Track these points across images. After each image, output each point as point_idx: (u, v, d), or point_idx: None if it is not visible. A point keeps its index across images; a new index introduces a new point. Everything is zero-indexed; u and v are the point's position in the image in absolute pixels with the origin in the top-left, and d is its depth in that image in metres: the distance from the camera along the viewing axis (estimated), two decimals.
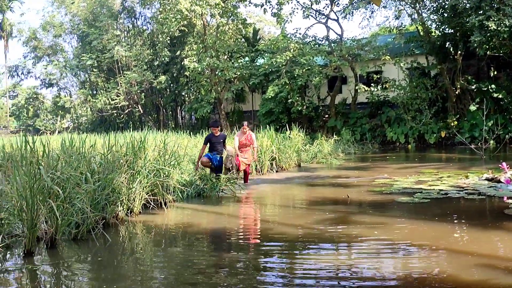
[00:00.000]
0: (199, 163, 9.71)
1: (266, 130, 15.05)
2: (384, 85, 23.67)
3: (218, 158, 9.83)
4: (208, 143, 9.88)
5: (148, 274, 4.81)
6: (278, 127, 20.69)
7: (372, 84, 24.50)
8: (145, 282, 4.50)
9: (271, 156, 13.38)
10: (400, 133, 22.45)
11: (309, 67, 23.53)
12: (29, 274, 4.78)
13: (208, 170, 10.06)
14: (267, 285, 4.15)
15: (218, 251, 5.48)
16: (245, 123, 10.90)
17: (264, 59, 26.86)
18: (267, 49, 25.81)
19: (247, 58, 28.25)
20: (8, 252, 5.48)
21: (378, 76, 24.35)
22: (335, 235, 5.86)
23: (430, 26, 23.47)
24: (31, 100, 48.92)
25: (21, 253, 5.33)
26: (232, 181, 9.68)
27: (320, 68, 23.80)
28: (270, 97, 24.24)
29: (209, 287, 4.15)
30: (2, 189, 6.16)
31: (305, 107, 24.26)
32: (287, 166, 13.98)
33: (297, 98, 24.08)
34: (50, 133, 39.81)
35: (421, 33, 23.06)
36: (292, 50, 23.09)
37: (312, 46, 24.65)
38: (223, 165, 9.93)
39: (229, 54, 28.05)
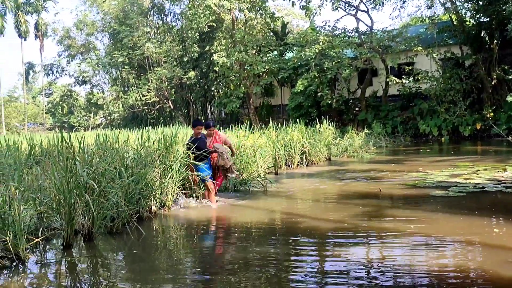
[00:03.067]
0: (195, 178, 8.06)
1: (296, 124, 14.94)
2: (416, 77, 23.12)
3: (207, 166, 8.06)
4: (196, 150, 7.83)
5: (181, 267, 4.89)
6: (307, 121, 20.57)
7: (403, 76, 23.96)
8: (178, 275, 4.58)
9: (301, 150, 13.32)
10: (433, 125, 21.90)
11: (339, 60, 23.23)
12: (68, 265, 4.94)
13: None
14: (298, 280, 4.15)
15: (249, 245, 5.50)
16: (211, 123, 8.91)
17: (293, 52, 26.68)
18: (296, 42, 25.62)
19: (275, 52, 28.13)
20: (48, 244, 5.68)
21: (410, 68, 23.80)
22: (367, 229, 5.80)
23: (464, 15, 22.73)
24: (65, 97, 50.40)
25: (60, 246, 5.52)
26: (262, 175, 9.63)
27: (350, 61, 23.46)
28: (299, 91, 24.09)
29: (240, 281, 4.18)
30: (41, 184, 6.37)
31: (335, 100, 23.98)
32: (317, 160, 13.88)
33: (327, 91, 23.83)
34: (84, 130, 40.90)
35: (455, 23, 22.37)
36: (321, 43, 22.83)
37: (342, 38, 24.30)
38: (218, 166, 8.13)
39: (258, 48, 28.00)
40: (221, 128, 19.71)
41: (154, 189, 7.46)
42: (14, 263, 4.85)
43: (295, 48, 26.14)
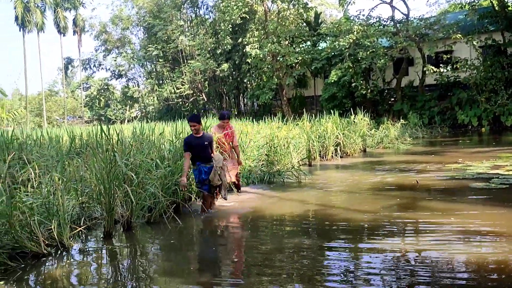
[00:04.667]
0: (183, 180, 6.43)
1: (330, 115, 14.80)
2: (454, 65, 22.41)
3: (206, 169, 6.74)
4: (190, 150, 6.64)
5: (216, 256, 4.97)
6: (341, 112, 20.31)
7: (441, 65, 23.28)
8: (214, 264, 4.66)
9: (336, 142, 13.19)
10: (472, 115, 21.21)
11: (374, 49, 22.80)
12: (109, 254, 5.11)
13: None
14: (330, 272, 4.14)
15: (283, 235, 5.52)
16: (226, 114, 8.18)
17: (326, 43, 26.36)
18: (329, 32, 25.29)
19: (308, 43, 27.87)
20: (89, 233, 5.89)
21: (448, 56, 23.07)
22: (403, 221, 5.70)
23: (506, 0, 21.79)
24: (102, 91, 51.82)
25: (101, 235, 5.71)
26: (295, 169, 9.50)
27: (385, 50, 22.98)
28: (333, 81, 23.82)
29: (274, 271, 4.21)
30: (82, 175, 6.59)
31: (369, 90, 23.58)
32: (351, 152, 13.73)
33: (361, 81, 23.46)
34: (120, 122, 41.92)
35: (496, 8, 21.49)
36: (355, 32, 22.46)
37: (377, 27, 23.80)
38: (211, 181, 6.70)
39: (291, 39, 27.80)
40: (253, 120, 19.77)
41: (190, 180, 7.59)
42: (59, 251, 5.06)
43: (328, 38, 25.82)
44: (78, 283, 4.23)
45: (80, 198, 6.24)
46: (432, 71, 22.31)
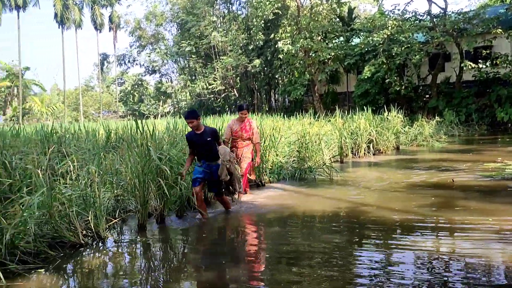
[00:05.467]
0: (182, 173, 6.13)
1: (363, 112, 14.60)
2: (494, 61, 21.63)
3: (214, 168, 6.10)
4: (192, 147, 6.20)
5: (245, 250, 5.01)
6: (374, 108, 19.99)
7: (480, 61, 22.51)
8: (243, 258, 4.71)
9: (368, 139, 13.02)
10: None
11: (409, 45, 22.27)
12: (143, 245, 5.24)
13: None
14: (361, 270, 4.11)
15: (313, 232, 5.51)
16: (245, 105, 7.59)
17: (359, 38, 25.95)
18: (363, 28, 24.87)
19: (341, 38, 27.51)
20: (124, 225, 6.05)
21: (488, 52, 22.29)
22: (437, 221, 5.59)
23: None
24: (136, 86, 52.88)
25: (135, 227, 5.85)
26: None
27: (421, 45, 22.41)
28: (366, 77, 23.45)
29: (303, 268, 4.21)
30: (118, 169, 6.77)
31: (403, 87, 23.09)
32: (384, 149, 13.52)
33: (395, 78, 22.99)
34: (153, 117, 42.68)
35: None
36: (390, 27, 22.00)
37: (412, 22, 23.23)
38: (219, 177, 6.08)
39: (323, 34, 27.53)
40: (285, 116, 19.72)
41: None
42: (95, 241, 5.23)
43: (362, 33, 25.40)
44: (113, 273, 4.36)
45: (115, 191, 6.42)
46: (470, 67, 21.62)
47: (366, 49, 24.24)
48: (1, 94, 51.72)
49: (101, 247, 5.11)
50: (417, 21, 23.41)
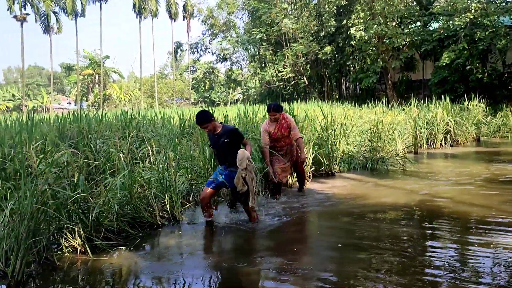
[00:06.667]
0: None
1: (440, 101, 13.90)
2: None
3: (232, 174, 5.29)
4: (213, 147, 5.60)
5: (313, 239, 5.00)
6: (452, 97, 18.93)
7: None
8: (310, 247, 4.71)
9: (445, 129, 12.39)
10: None
11: (494, 29, 20.74)
12: (215, 229, 5.40)
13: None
14: (434, 266, 3.95)
15: (384, 225, 5.36)
16: (272, 105, 6.70)
17: (439, 22, 24.57)
18: (443, 11, 23.48)
19: (418, 23, 26.19)
20: (197, 208, 6.28)
21: None
22: None
23: None
24: (207, 74, 54.20)
25: None
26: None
27: (507, 29, 20.78)
28: (444, 64, 22.20)
29: (370, 260, 4.13)
30: (192, 154, 7.03)
31: (486, 74, 21.58)
32: (463, 140, 12.81)
33: (477, 64, 21.54)
34: (224, 104, 43.57)
35: None
36: (473, 10, 20.59)
37: (498, 4, 21.56)
38: (235, 183, 5.21)
39: (399, 20, 26.38)
40: (356, 104, 19.27)
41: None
42: (171, 223, 5.49)
43: (441, 17, 24.02)
44: (189, 253, 4.56)
45: (189, 175, 6.67)
46: None
47: (446, 34, 22.90)
48: (84, 82, 55.35)
49: (176, 229, 5.35)
50: (504, 3, 21.70)
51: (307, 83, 35.02)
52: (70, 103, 59.40)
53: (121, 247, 4.65)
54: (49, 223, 4.33)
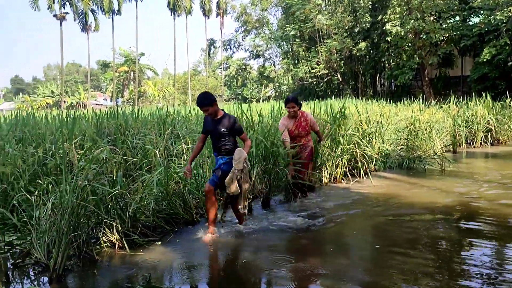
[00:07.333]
0: (187, 168, 5.07)
1: (480, 98, 13.43)
2: None
3: (224, 167, 4.96)
4: (207, 133, 5.18)
5: (346, 239, 4.93)
6: (493, 94, 18.27)
7: None
8: (346, 247, 4.64)
9: (486, 128, 11.96)
10: None
11: None
12: (251, 228, 5.39)
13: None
14: (471, 270, 3.80)
15: (419, 227, 5.21)
16: (290, 97, 6.54)
17: (479, 17, 23.75)
18: (483, 5, 22.67)
19: (457, 18, 25.39)
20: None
21: None
22: None
23: None
24: (240, 71, 54.38)
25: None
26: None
27: None
28: (485, 60, 21.45)
29: (404, 261, 4.03)
30: None
31: None
32: (505, 139, 12.34)
33: None
34: (256, 101, 43.65)
35: None
36: None
37: None
38: (226, 185, 4.87)
39: (437, 14, 25.65)
40: (391, 101, 18.87)
41: (324, 161, 7.62)
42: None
43: (482, 12, 23.19)
44: (224, 251, 4.58)
45: None
46: None
47: (486, 29, 22.12)
48: (120, 78, 56.61)
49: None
50: None
51: (340, 79, 34.61)
52: (106, 100, 61.02)
53: (157, 243, 4.72)
54: (88, 218, 4.44)
